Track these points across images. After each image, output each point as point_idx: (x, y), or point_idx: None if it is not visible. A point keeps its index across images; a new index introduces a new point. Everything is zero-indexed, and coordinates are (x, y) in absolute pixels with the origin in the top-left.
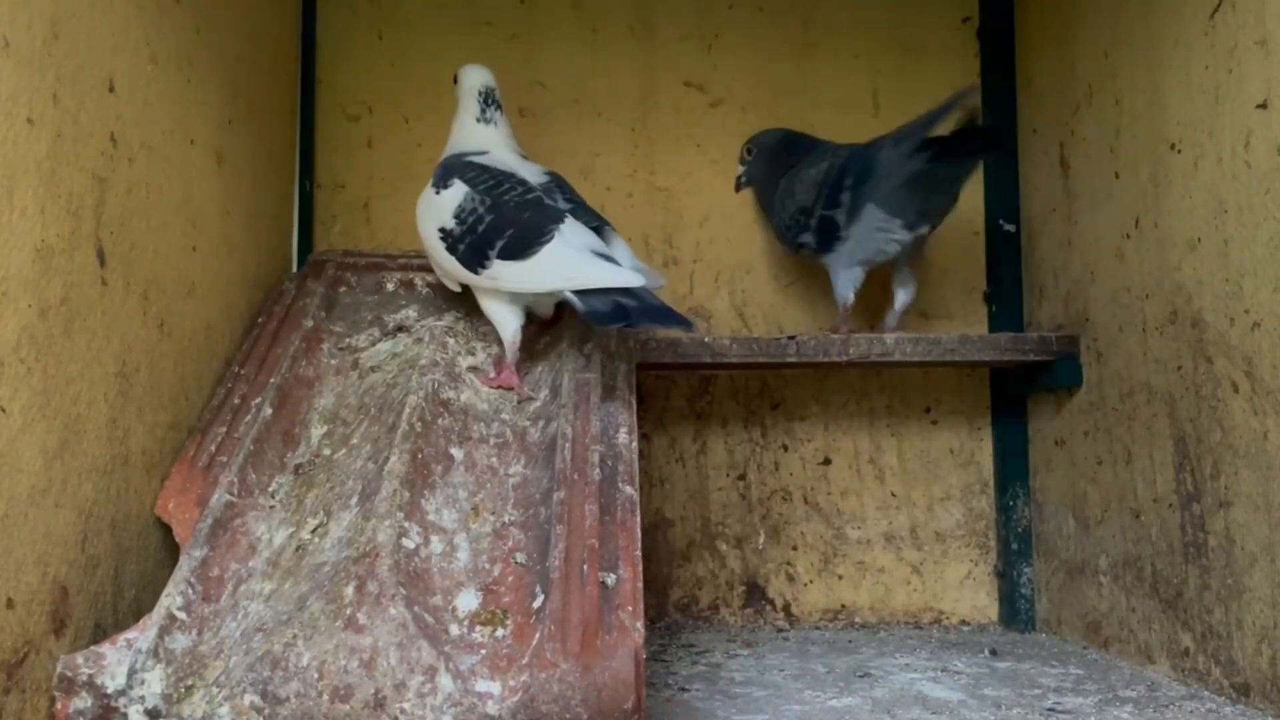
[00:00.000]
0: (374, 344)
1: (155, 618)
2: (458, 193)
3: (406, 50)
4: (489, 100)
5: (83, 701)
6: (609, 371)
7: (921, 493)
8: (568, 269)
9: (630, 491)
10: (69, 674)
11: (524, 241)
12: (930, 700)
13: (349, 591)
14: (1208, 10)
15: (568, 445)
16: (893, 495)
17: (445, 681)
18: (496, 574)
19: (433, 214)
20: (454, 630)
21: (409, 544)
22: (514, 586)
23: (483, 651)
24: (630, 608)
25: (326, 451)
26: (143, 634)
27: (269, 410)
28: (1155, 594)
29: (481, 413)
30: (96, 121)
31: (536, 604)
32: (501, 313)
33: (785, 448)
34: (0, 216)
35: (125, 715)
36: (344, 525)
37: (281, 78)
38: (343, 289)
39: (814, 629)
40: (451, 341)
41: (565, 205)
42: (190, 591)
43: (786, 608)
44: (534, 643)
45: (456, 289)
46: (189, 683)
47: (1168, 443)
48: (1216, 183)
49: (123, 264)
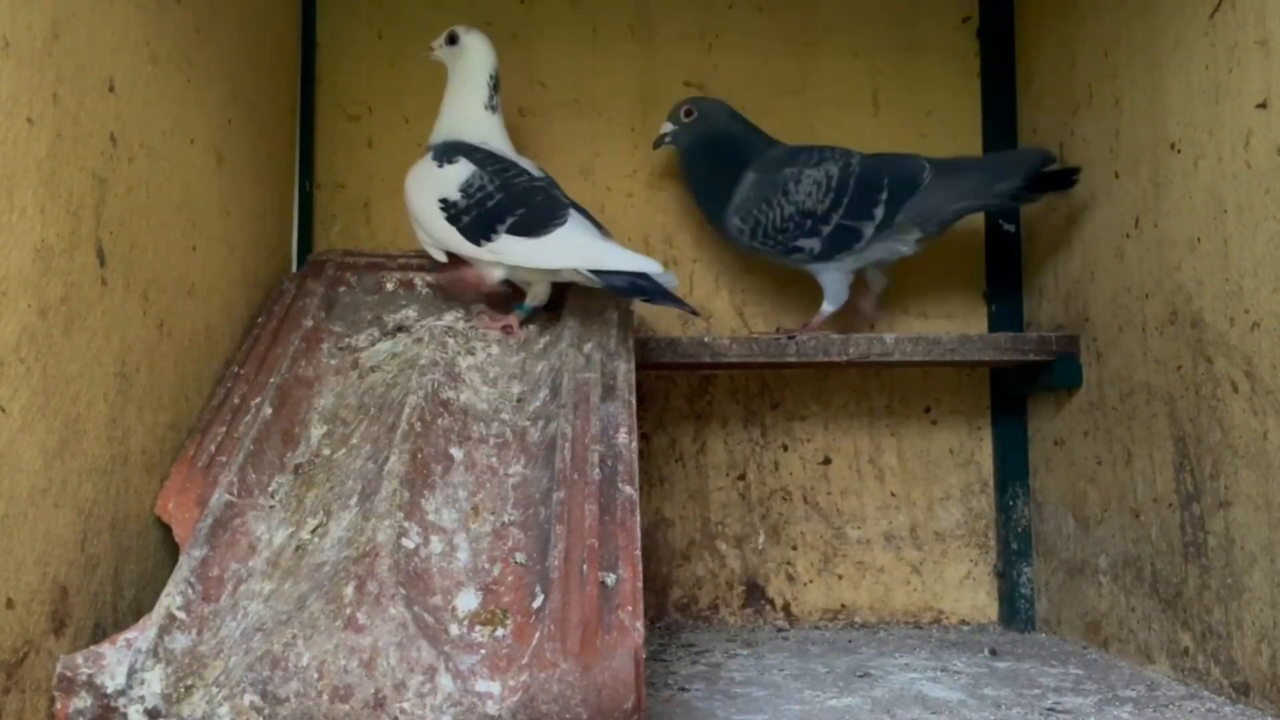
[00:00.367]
0: (374, 344)
1: (155, 617)
2: (464, 168)
3: (406, 50)
4: (497, 86)
5: (82, 701)
6: (609, 371)
7: (921, 492)
8: (586, 251)
9: (630, 491)
10: (69, 674)
11: (539, 220)
12: (930, 700)
13: (349, 591)
14: (1207, 10)
15: (567, 445)
16: (892, 495)
17: (445, 681)
18: (496, 574)
19: (432, 184)
20: (454, 630)
21: (409, 544)
22: (514, 586)
23: (482, 651)
24: (630, 607)
25: (326, 451)
26: (142, 634)
27: (269, 410)
28: (1155, 594)
29: (481, 413)
30: (96, 121)
31: (536, 604)
32: (490, 271)
33: (785, 447)
34: (0, 216)
35: (125, 715)
36: (344, 525)
37: (281, 78)
38: (342, 289)
39: (814, 629)
40: (451, 341)
41: (566, 201)
42: (190, 591)
43: (786, 607)
44: (534, 642)
45: (442, 258)
46: (189, 682)
47: (1167, 443)
48: (1216, 183)
49: (123, 264)
